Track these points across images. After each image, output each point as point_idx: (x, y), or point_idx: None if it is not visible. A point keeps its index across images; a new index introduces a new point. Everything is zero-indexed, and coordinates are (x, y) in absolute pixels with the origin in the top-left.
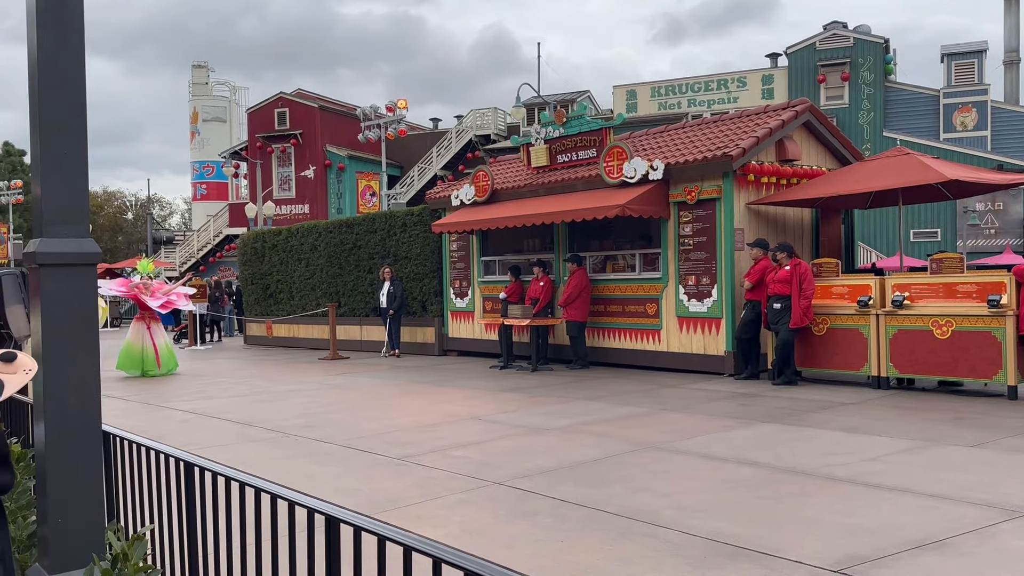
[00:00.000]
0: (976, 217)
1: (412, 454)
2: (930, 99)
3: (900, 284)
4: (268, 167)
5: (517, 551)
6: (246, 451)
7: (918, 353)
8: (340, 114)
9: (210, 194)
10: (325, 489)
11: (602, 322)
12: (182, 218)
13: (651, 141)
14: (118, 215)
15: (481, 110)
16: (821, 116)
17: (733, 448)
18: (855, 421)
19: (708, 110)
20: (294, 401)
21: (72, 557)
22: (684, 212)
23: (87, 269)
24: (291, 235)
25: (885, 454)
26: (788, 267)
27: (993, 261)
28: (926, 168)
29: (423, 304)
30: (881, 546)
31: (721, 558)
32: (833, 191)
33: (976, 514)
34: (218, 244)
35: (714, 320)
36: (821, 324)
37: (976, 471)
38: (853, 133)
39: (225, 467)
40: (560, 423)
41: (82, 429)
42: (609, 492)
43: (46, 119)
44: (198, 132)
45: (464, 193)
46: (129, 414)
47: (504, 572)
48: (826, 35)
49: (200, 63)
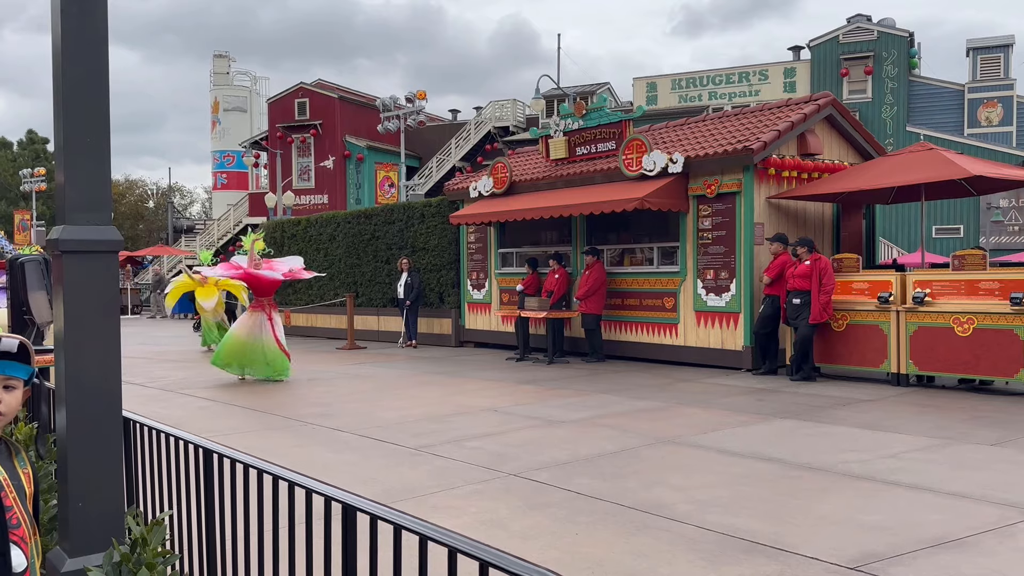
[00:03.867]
0: (1000, 214)
1: (428, 444)
2: (955, 93)
3: (921, 281)
4: (288, 157)
5: (532, 543)
6: (264, 439)
7: (939, 350)
8: (359, 105)
9: (230, 183)
10: (342, 478)
11: (619, 315)
12: (202, 207)
13: (671, 134)
14: (139, 203)
15: (500, 101)
16: (843, 110)
17: (749, 443)
18: (873, 418)
19: (729, 103)
20: (311, 390)
21: (92, 541)
22: (703, 206)
23: (109, 256)
24: (310, 225)
25: (903, 451)
26: (808, 262)
27: (1017, 258)
28: (949, 163)
29: (440, 295)
30: (898, 544)
31: (736, 553)
32: (855, 186)
33: (996, 513)
34: (238, 233)
35: (732, 315)
36: (841, 320)
37: (996, 470)
38: (876, 127)
39: (243, 454)
40: (576, 416)
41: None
42: (624, 485)
43: (69, 108)
44: (219, 121)
45: (482, 185)
46: (147, 400)
47: (519, 563)
48: (850, 28)
49: (221, 53)
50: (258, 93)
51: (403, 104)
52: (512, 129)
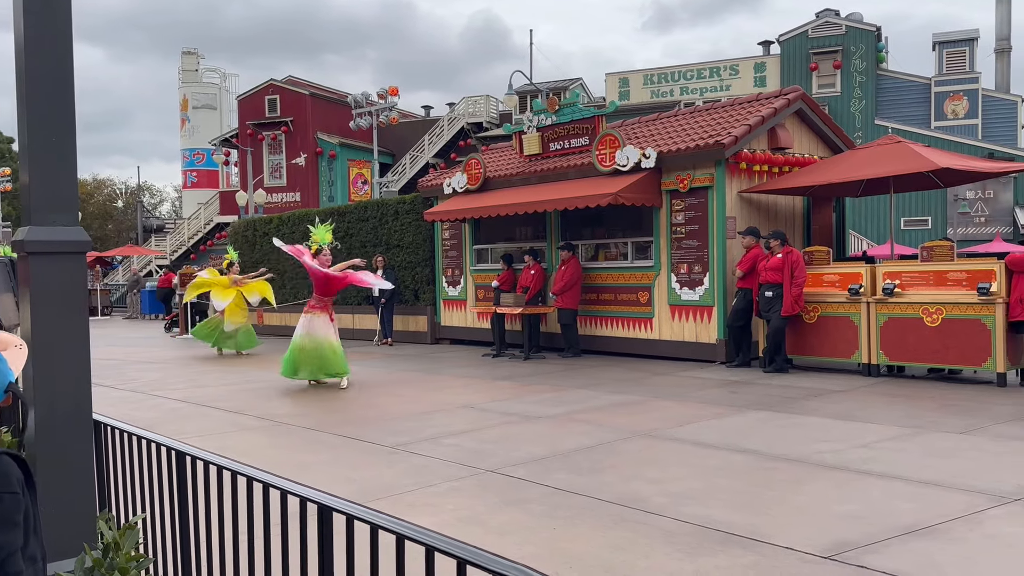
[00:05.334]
0: (966, 205)
1: (405, 442)
2: (922, 87)
3: (891, 272)
4: (259, 155)
5: (509, 538)
6: (238, 440)
7: (908, 341)
8: (331, 101)
9: (200, 182)
10: (318, 478)
11: (594, 310)
12: (172, 206)
13: (644, 129)
14: (108, 203)
15: (473, 97)
16: (813, 104)
17: (724, 435)
18: (845, 408)
19: (700, 98)
20: (285, 389)
21: (63, 546)
22: (676, 200)
23: (76, 257)
24: (282, 223)
25: (875, 441)
26: (780, 255)
27: (983, 249)
28: (917, 156)
29: (415, 292)
30: (871, 532)
31: (712, 544)
32: (825, 179)
33: (965, 500)
34: (209, 232)
35: (706, 308)
36: (812, 312)
37: (965, 458)
38: (845, 121)
39: (217, 456)
40: (552, 411)
41: (73, 418)
42: (601, 480)
43: (34, 106)
44: (188, 119)
45: (456, 181)
46: (118, 403)
47: (496, 560)
48: (818, 23)
49: (190, 50)
50: (227, 90)
51: (375, 100)
52: (485, 125)
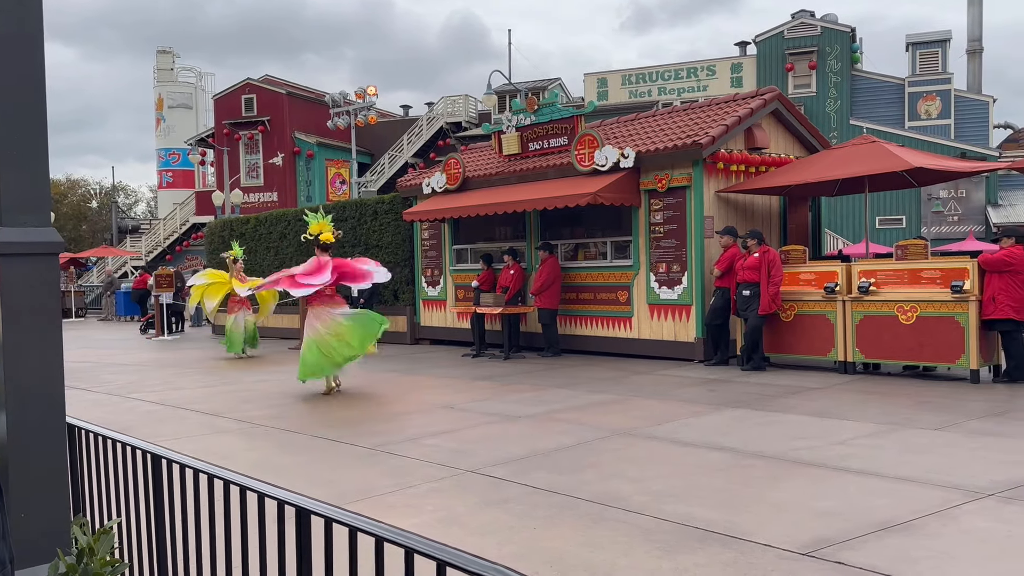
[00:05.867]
0: (940, 204)
1: (384, 443)
2: (895, 88)
3: (866, 271)
4: (235, 154)
5: (490, 539)
6: (215, 442)
7: (883, 338)
8: (309, 100)
9: (176, 182)
10: (296, 480)
11: (574, 310)
12: (148, 206)
13: (622, 129)
14: (82, 203)
15: (452, 97)
16: (789, 104)
17: (703, 433)
18: (822, 406)
19: (678, 98)
20: (264, 391)
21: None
22: (655, 200)
23: (49, 259)
24: (260, 223)
25: (851, 438)
26: (757, 254)
27: (956, 247)
28: (891, 156)
29: (395, 293)
30: (848, 528)
31: (692, 542)
32: (800, 179)
33: (940, 496)
34: (185, 232)
35: (684, 307)
36: (789, 310)
37: (940, 454)
38: (820, 121)
39: (193, 459)
40: (532, 411)
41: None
42: (581, 479)
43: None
44: (163, 119)
45: (435, 181)
46: (93, 406)
47: (476, 561)
48: (794, 24)
49: (165, 48)
50: (203, 89)
51: (353, 100)
52: (465, 125)
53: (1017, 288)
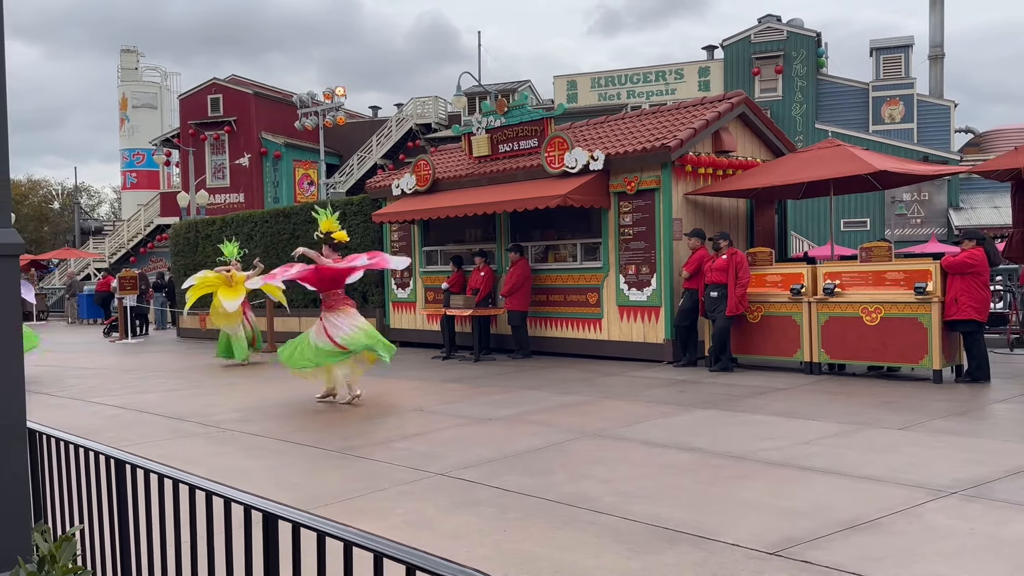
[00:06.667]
0: (903, 207)
1: (353, 447)
2: (860, 92)
3: (831, 272)
4: (201, 155)
5: (460, 542)
6: (180, 447)
7: (848, 339)
8: (276, 101)
9: (141, 183)
10: (263, 485)
11: (544, 312)
12: (111, 207)
13: (592, 131)
14: (44, 204)
15: (422, 98)
16: (756, 108)
17: (672, 434)
18: (789, 406)
19: (647, 101)
20: (230, 395)
21: None
22: (624, 202)
23: (9, 260)
24: (226, 224)
25: (817, 438)
26: (725, 256)
27: (919, 249)
28: (856, 159)
29: (364, 295)
30: (815, 528)
31: (660, 542)
32: (767, 182)
33: (904, 494)
34: (149, 234)
35: (654, 308)
36: (756, 312)
37: (904, 453)
38: (786, 125)
39: (157, 464)
40: (503, 413)
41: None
42: (551, 480)
43: None
44: (127, 119)
45: (405, 182)
46: (55, 410)
47: (446, 564)
48: (760, 28)
49: (129, 47)
50: (169, 89)
51: (321, 100)
52: (434, 126)
53: (979, 289)
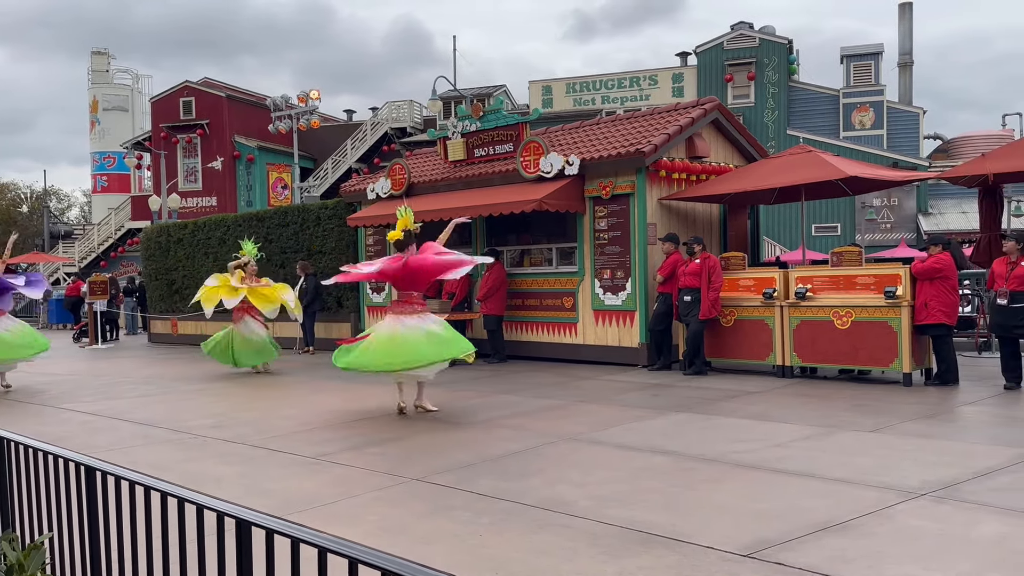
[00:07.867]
0: (873, 212)
1: (327, 452)
2: (831, 99)
3: (803, 277)
4: (173, 158)
5: (435, 547)
6: (151, 453)
7: (820, 343)
8: (249, 104)
9: (111, 186)
10: (236, 491)
11: (520, 316)
12: (81, 211)
13: (567, 136)
14: (11, 208)
15: (397, 102)
16: (728, 114)
17: (646, 438)
18: (761, 409)
19: (621, 107)
20: (201, 401)
21: None
22: (599, 207)
23: None
24: (198, 228)
25: (790, 440)
26: (699, 260)
27: (889, 254)
28: (827, 165)
29: (338, 300)
30: (788, 530)
31: (635, 545)
32: (740, 187)
33: (875, 496)
34: (120, 238)
35: (628, 313)
36: (729, 316)
37: (875, 455)
38: (759, 131)
39: (128, 470)
40: (478, 417)
41: None
42: (527, 484)
43: None
44: (98, 121)
45: (380, 186)
46: (24, 417)
47: (421, 570)
48: (733, 35)
49: (100, 49)
50: (140, 92)
51: (295, 104)
52: (409, 130)
53: (948, 293)
